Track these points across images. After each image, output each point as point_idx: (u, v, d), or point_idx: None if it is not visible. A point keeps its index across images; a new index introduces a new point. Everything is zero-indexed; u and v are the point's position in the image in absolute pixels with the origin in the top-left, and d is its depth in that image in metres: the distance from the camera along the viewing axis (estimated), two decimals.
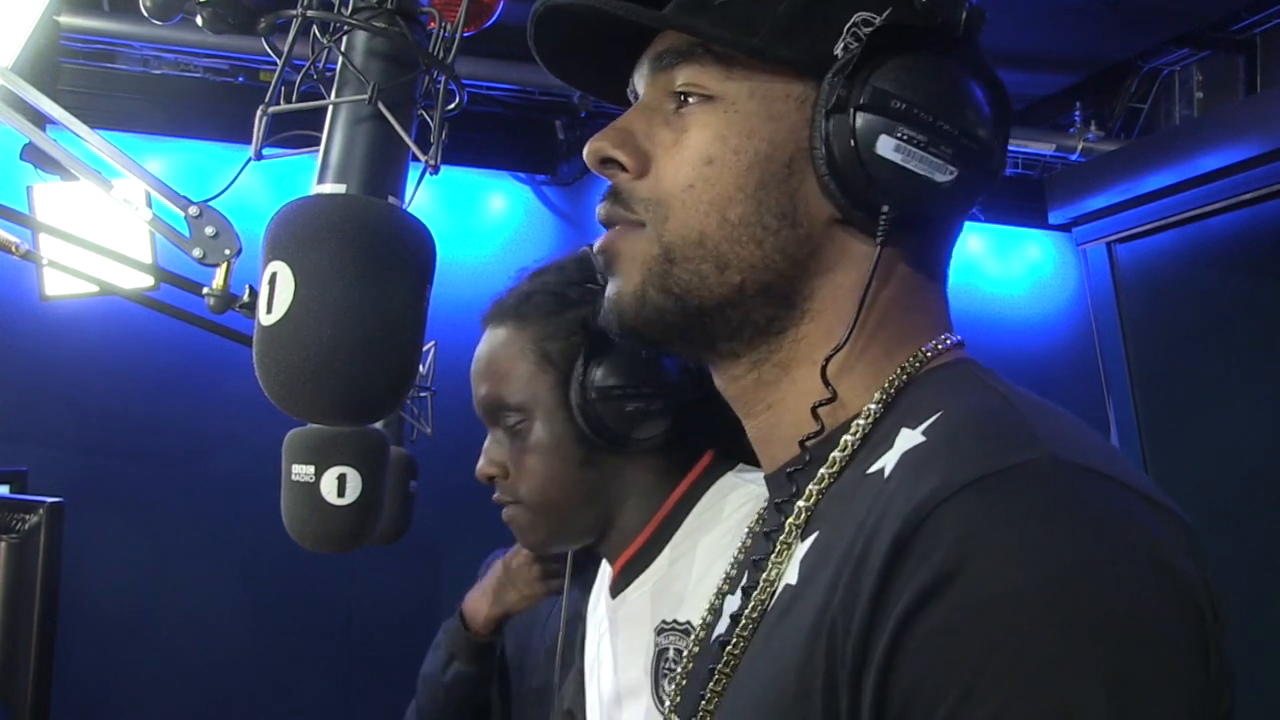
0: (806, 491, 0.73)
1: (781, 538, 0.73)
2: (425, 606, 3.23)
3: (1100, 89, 3.58)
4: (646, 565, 1.19)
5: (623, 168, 0.76)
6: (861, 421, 0.72)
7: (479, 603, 1.74)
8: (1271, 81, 3.29)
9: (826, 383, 0.72)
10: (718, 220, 0.73)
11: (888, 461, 0.67)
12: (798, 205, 0.73)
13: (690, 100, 0.75)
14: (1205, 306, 3.79)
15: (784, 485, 0.76)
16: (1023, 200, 3.73)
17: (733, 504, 1.16)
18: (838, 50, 0.71)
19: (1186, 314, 3.80)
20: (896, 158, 0.69)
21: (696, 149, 0.74)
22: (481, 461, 1.23)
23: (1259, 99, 3.24)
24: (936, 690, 0.56)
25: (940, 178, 0.70)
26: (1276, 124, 2.98)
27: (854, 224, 0.73)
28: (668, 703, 0.87)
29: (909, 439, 0.67)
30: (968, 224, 0.81)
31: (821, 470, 0.72)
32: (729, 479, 1.19)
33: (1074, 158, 3.59)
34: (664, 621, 1.15)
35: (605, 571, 1.29)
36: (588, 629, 1.36)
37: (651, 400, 1.13)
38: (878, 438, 0.71)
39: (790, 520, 0.73)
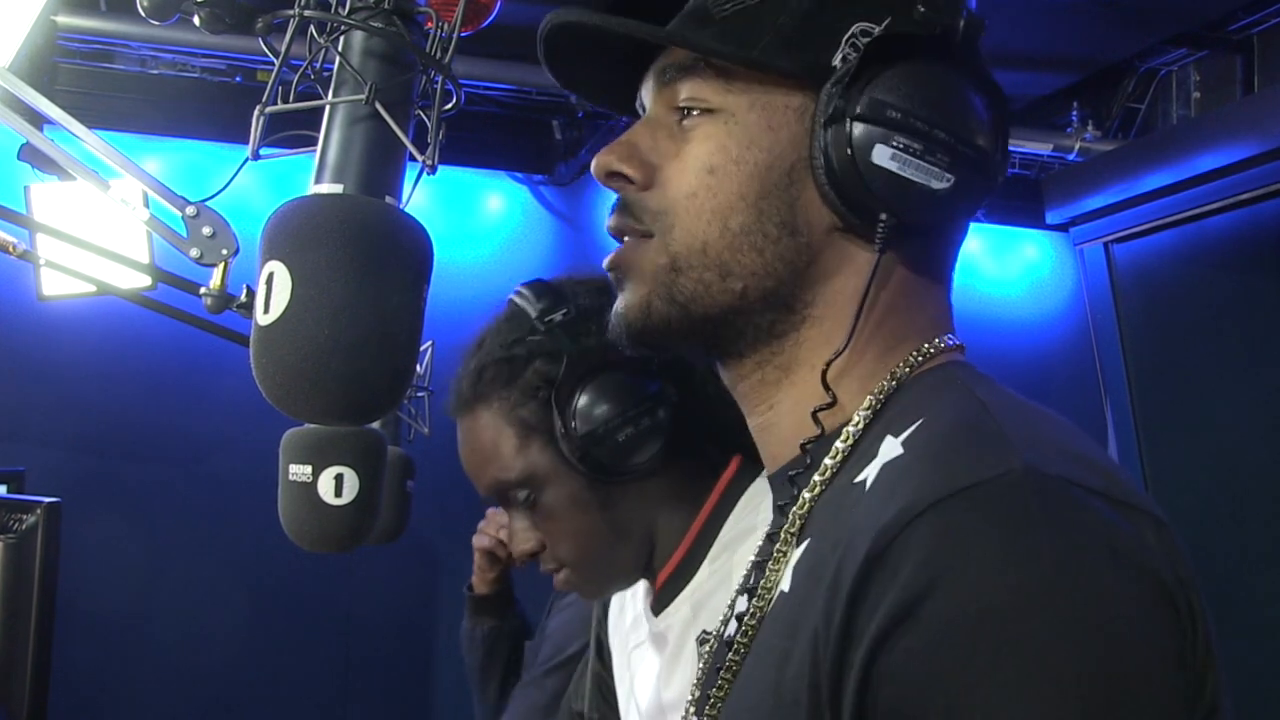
0: (800, 499, 0.73)
1: (777, 545, 0.74)
2: (422, 606, 3.24)
3: (1098, 89, 3.58)
4: (687, 580, 1.18)
5: (629, 180, 0.77)
6: (851, 428, 0.73)
7: None
8: (1269, 81, 3.29)
9: (827, 387, 0.73)
10: (720, 229, 0.74)
11: (870, 472, 0.68)
12: (798, 214, 0.74)
13: (693, 113, 0.76)
14: (1202, 306, 3.79)
15: (785, 487, 0.76)
16: (1020, 200, 3.73)
17: (766, 510, 1.15)
18: (836, 61, 0.72)
19: (1184, 314, 3.80)
20: (893, 166, 0.69)
21: (699, 158, 0.75)
22: (515, 542, 1.23)
23: (1256, 99, 3.24)
24: (917, 712, 0.56)
25: (937, 185, 0.70)
26: (1274, 124, 2.99)
27: (854, 231, 0.74)
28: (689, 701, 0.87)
29: (890, 449, 0.68)
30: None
31: (815, 477, 0.73)
32: (760, 484, 1.17)
33: (1071, 157, 3.59)
34: (704, 632, 1.14)
35: (639, 586, 1.28)
36: (612, 642, 1.35)
37: (639, 420, 1.12)
38: (866, 445, 0.71)
39: (785, 528, 0.74)
